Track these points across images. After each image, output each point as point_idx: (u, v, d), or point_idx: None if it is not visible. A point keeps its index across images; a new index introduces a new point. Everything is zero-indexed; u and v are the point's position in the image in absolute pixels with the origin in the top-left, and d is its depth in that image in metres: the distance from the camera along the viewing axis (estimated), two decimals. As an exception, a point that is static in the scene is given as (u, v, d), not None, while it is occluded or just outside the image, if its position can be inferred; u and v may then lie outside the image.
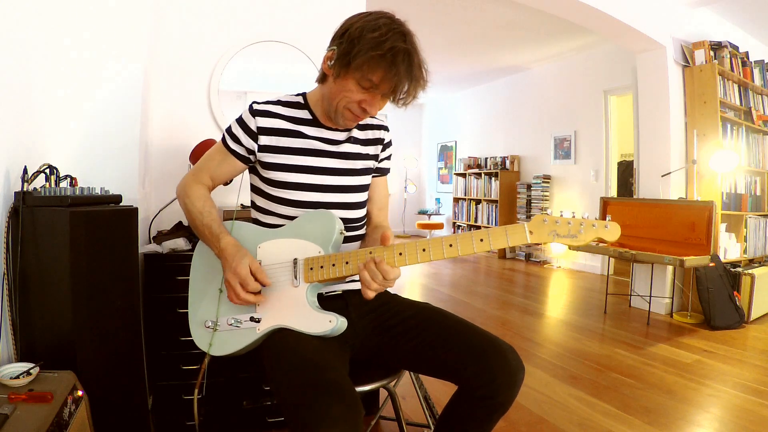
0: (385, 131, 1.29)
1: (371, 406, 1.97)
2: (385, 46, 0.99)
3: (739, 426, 1.89)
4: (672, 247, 3.40)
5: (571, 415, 1.97)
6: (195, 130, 2.15)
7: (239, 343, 1.09)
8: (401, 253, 1.02)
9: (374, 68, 1.01)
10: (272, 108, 1.18)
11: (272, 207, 1.18)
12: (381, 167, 1.31)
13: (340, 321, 1.04)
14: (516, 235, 0.97)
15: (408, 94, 1.06)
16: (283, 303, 1.07)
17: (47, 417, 0.91)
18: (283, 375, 0.94)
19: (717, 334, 3.10)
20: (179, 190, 1.21)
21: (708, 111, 3.59)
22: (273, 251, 1.12)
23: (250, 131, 1.16)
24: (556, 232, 0.97)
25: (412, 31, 1.06)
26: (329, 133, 1.20)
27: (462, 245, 0.99)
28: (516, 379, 1.01)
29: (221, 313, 1.12)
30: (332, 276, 1.05)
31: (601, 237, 0.96)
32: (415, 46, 1.04)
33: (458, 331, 1.10)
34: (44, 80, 1.52)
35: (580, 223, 0.96)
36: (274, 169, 1.16)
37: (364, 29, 1.03)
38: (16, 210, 1.18)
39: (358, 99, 1.07)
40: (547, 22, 4.39)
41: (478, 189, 7.00)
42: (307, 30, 2.30)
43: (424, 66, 1.06)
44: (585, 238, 0.96)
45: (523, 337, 3.03)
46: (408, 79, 1.03)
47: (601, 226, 0.96)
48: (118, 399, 1.30)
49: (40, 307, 1.19)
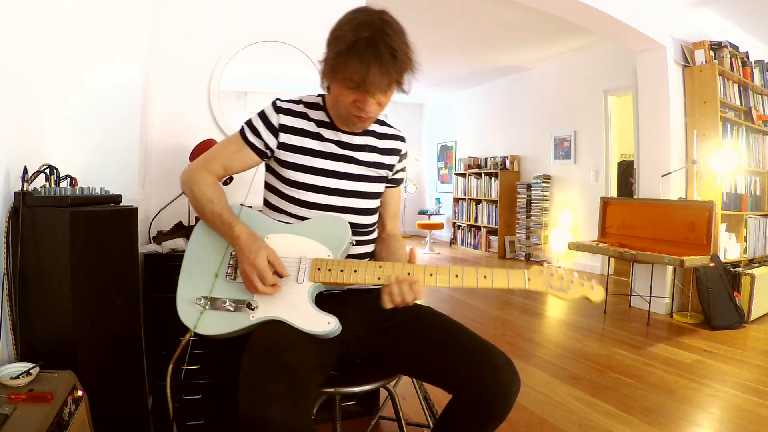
0: (402, 142, 1.29)
1: (371, 406, 1.98)
2: (346, 40, 0.98)
3: (739, 426, 1.89)
4: (672, 247, 3.40)
5: (571, 415, 1.97)
6: (195, 130, 2.15)
7: (229, 326, 1.08)
8: (410, 273, 1.05)
9: (343, 65, 0.99)
10: (295, 107, 1.19)
11: (284, 205, 1.18)
12: (395, 178, 1.31)
13: (337, 325, 1.05)
14: (516, 279, 1.06)
15: (383, 80, 1.00)
16: (282, 296, 1.08)
17: (47, 417, 0.91)
18: (247, 359, 0.95)
19: (717, 334, 3.10)
20: (185, 177, 1.18)
21: (708, 111, 3.59)
22: (281, 244, 1.12)
23: (272, 127, 1.16)
24: (550, 283, 1.07)
25: (389, 18, 1.03)
26: (346, 137, 1.20)
27: (467, 278, 1.06)
28: (508, 392, 0.99)
29: (214, 293, 1.11)
30: (337, 281, 1.07)
31: (587, 296, 1.07)
32: (385, 31, 0.99)
33: (452, 337, 1.08)
34: (44, 80, 1.52)
35: (571, 281, 1.07)
36: (291, 168, 1.16)
37: (333, 31, 1.04)
38: (16, 210, 1.18)
39: (351, 100, 1.06)
40: (547, 22, 4.39)
41: (478, 189, 7.00)
42: (307, 30, 2.30)
43: (401, 48, 1.00)
44: (573, 294, 1.07)
45: (523, 337, 3.03)
46: (378, 66, 0.97)
47: (589, 286, 1.07)
48: (118, 399, 1.30)
49: (40, 307, 1.20)
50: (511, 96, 6.68)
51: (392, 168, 1.28)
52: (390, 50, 0.98)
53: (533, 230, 6.04)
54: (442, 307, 3.78)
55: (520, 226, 6.20)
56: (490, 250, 6.69)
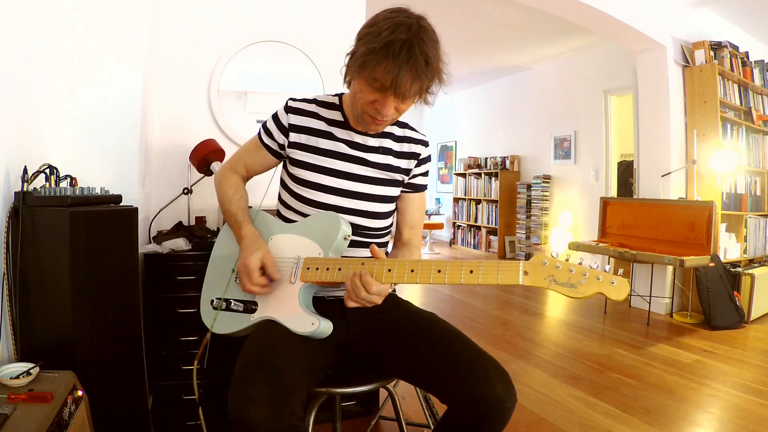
0: (423, 146, 1.24)
1: (371, 406, 1.97)
2: (381, 38, 0.95)
3: (739, 426, 1.89)
4: (672, 247, 3.40)
5: (571, 415, 1.97)
6: (195, 130, 2.15)
7: (236, 325, 1.12)
8: (390, 269, 0.99)
9: (374, 64, 0.96)
10: (306, 106, 1.19)
11: (293, 203, 1.19)
12: (413, 183, 1.25)
13: (323, 324, 1.03)
14: (509, 272, 0.90)
15: (413, 87, 0.98)
16: (278, 297, 1.09)
17: (47, 417, 0.91)
18: (239, 357, 0.97)
19: (717, 334, 3.10)
20: (216, 178, 1.28)
21: (708, 111, 3.59)
22: (282, 245, 1.14)
23: (282, 127, 1.18)
24: (554, 277, 0.86)
25: (427, 25, 1.00)
26: (360, 138, 1.17)
27: (450, 273, 0.94)
28: (501, 408, 0.94)
29: (228, 294, 1.15)
30: (325, 279, 1.05)
31: (604, 293, 0.84)
32: (421, 37, 0.96)
33: (449, 346, 1.04)
34: (44, 80, 1.52)
35: (584, 273, 0.85)
36: (300, 167, 1.17)
37: (367, 26, 1.01)
38: (16, 210, 1.18)
39: (371, 99, 1.02)
40: (547, 22, 4.39)
41: (478, 189, 7.00)
42: (307, 30, 2.30)
43: (434, 57, 0.98)
44: (585, 291, 0.84)
45: (523, 337, 3.03)
46: (409, 70, 0.95)
47: (607, 280, 0.84)
48: (118, 399, 1.30)
49: (40, 307, 1.19)
50: (511, 96, 6.68)
51: (408, 172, 1.23)
52: (425, 56, 0.96)
53: (533, 230, 6.04)
54: (441, 308, 3.79)
55: (520, 226, 6.20)
56: (490, 250, 6.69)
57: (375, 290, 0.98)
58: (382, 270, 0.99)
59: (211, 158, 1.94)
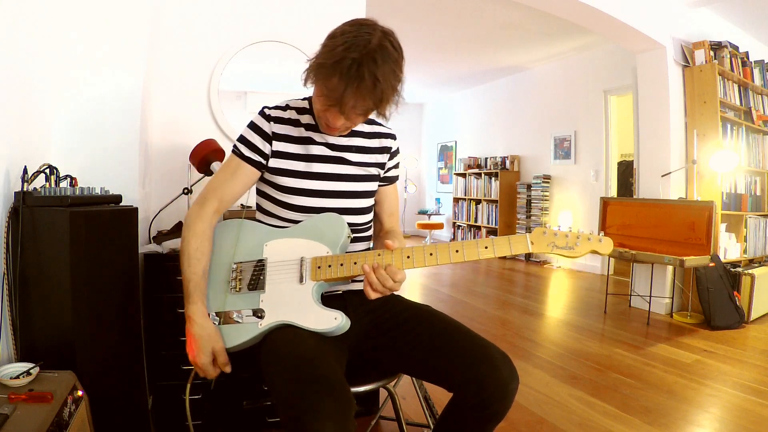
0: (392, 140, 1.29)
1: (371, 406, 1.97)
2: (335, 54, 0.97)
3: (739, 426, 1.89)
4: (672, 247, 3.40)
5: (571, 415, 1.97)
6: (195, 130, 2.15)
7: (239, 337, 1.09)
8: (409, 256, 1.05)
9: (324, 78, 1.00)
10: (284, 114, 1.19)
11: (278, 211, 1.19)
12: (388, 176, 1.31)
13: (344, 319, 1.05)
14: (518, 244, 1.05)
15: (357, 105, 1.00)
16: (287, 300, 1.08)
17: (47, 417, 0.91)
18: (277, 371, 0.95)
19: (717, 334, 3.10)
20: (185, 220, 1.17)
21: (708, 111, 3.59)
22: (280, 249, 1.13)
23: (266, 135, 1.17)
24: (554, 243, 1.06)
25: (388, 43, 1.00)
26: (333, 139, 1.20)
27: (468, 251, 1.05)
28: (507, 390, 0.99)
29: (228, 305, 1.12)
30: (339, 275, 1.07)
31: (596, 250, 1.05)
32: (374, 57, 0.96)
33: (451, 335, 1.08)
34: (45, 80, 1.52)
35: (577, 236, 1.06)
36: (283, 175, 1.17)
37: (329, 37, 1.04)
38: (16, 210, 1.17)
39: (324, 108, 1.07)
40: (547, 22, 4.39)
41: (478, 189, 7.00)
42: (307, 30, 2.30)
43: (386, 77, 0.98)
44: (581, 250, 1.05)
45: (523, 337, 3.03)
46: (355, 89, 0.97)
47: (596, 239, 1.06)
48: (118, 399, 1.30)
49: (40, 307, 1.19)
50: (511, 96, 6.68)
51: (383, 166, 1.27)
52: (373, 77, 0.97)
53: (533, 230, 6.04)
54: (441, 308, 3.77)
55: (520, 226, 6.20)
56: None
57: (399, 278, 1.03)
58: (401, 258, 1.05)
59: (211, 158, 1.93)
